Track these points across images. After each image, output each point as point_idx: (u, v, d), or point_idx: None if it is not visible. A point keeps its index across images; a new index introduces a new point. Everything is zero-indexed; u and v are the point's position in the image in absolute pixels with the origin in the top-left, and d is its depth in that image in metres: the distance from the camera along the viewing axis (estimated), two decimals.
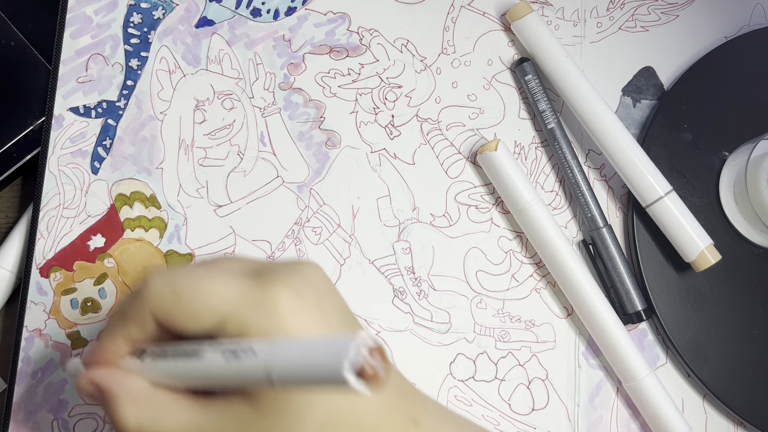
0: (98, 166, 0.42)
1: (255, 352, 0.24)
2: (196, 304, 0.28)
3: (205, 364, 0.26)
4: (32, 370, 0.40)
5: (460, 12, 0.45)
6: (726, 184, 0.45)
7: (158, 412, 0.28)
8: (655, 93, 0.47)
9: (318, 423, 0.27)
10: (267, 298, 0.27)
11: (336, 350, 0.22)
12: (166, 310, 0.28)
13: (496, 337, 0.44)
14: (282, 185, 0.43)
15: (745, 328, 0.45)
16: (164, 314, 0.28)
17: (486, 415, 0.43)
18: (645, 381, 0.42)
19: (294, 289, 0.28)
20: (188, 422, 0.28)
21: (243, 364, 0.25)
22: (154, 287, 0.28)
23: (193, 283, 0.28)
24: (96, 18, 0.42)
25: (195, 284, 0.28)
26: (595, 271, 0.44)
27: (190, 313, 0.28)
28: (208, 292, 0.28)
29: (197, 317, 0.28)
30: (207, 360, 0.26)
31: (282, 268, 0.29)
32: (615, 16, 0.47)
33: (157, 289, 0.28)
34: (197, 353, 0.27)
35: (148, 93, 0.42)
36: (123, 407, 0.28)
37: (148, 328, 0.29)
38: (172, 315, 0.28)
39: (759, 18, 0.48)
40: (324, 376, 0.22)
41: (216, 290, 0.28)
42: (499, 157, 0.42)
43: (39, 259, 0.40)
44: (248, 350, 0.25)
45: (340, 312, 0.29)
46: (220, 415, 0.28)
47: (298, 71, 0.44)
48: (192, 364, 0.27)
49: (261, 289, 0.27)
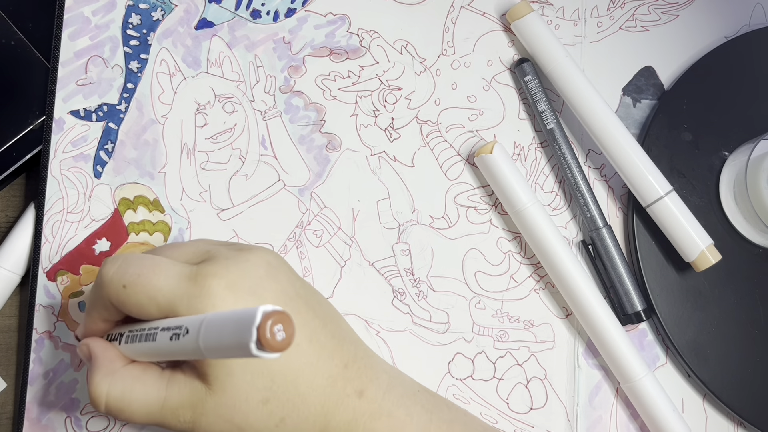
0: (101, 170, 0.42)
1: (189, 331, 0.28)
2: (141, 297, 0.31)
3: (159, 345, 0.31)
4: (44, 370, 0.41)
5: (460, 12, 0.45)
6: (726, 184, 0.45)
7: (128, 384, 0.32)
8: (656, 93, 0.47)
9: (259, 400, 0.31)
10: (201, 295, 0.30)
11: (240, 325, 0.25)
12: (119, 300, 0.32)
13: (494, 337, 0.44)
14: (283, 189, 0.43)
15: (745, 328, 0.45)
16: (118, 304, 0.32)
17: (484, 414, 0.43)
18: (643, 382, 0.42)
19: (228, 283, 0.31)
20: (153, 395, 0.32)
21: (182, 342, 0.29)
22: (108, 279, 0.32)
23: (139, 278, 0.31)
24: (94, 19, 0.42)
25: (140, 279, 0.31)
26: (595, 272, 0.45)
27: (138, 305, 0.32)
28: (152, 287, 0.31)
29: (144, 309, 0.32)
30: (159, 341, 0.31)
31: (222, 258, 0.32)
32: (615, 15, 0.47)
33: (109, 280, 0.32)
34: (153, 336, 0.31)
35: (149, 96, 0.43)
36: (98, 376, 0.32)
37: (113, 311, 0.33)
38: (124, 306, 0.32)
39: (759, 18, 0.48)
40: (235, 348, 0.26)
41: (158, 285, 0.31)
42: (495, 159, 0.43)
43: (45, 263, 0.41)
44: (184, 330, 0.29)
45: (278, 294, 0.32)
46: (180, 390, 0.32)
47: (299, 74, 0.44)
48: (150, 345, 0.31)
49: (196, 286, 0.31)
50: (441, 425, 0.34)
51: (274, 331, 0.24)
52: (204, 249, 0.34)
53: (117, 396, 0.32)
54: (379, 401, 0.33)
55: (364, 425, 0.33)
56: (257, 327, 0.24)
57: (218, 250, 0.33)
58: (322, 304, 0.35)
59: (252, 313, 0.25)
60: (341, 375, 0.32)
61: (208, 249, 0.33)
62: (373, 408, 0.33)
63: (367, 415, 0.33)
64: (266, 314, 0.25)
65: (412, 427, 0.33)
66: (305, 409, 0.32)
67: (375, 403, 0.33)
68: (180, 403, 0.32)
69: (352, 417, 0.32)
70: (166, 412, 0.32)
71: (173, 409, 0.32)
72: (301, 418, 0.32)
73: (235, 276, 0.31)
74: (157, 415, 0.32)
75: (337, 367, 0.32)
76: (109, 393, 0.32)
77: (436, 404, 0.35)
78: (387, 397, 0.33)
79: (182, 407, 0.32)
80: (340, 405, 0.32)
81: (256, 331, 0.24)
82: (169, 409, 0.32)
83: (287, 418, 0.32)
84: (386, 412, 0.33)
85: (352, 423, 0.32)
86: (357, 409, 0.33)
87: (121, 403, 0.32)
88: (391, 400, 0.34)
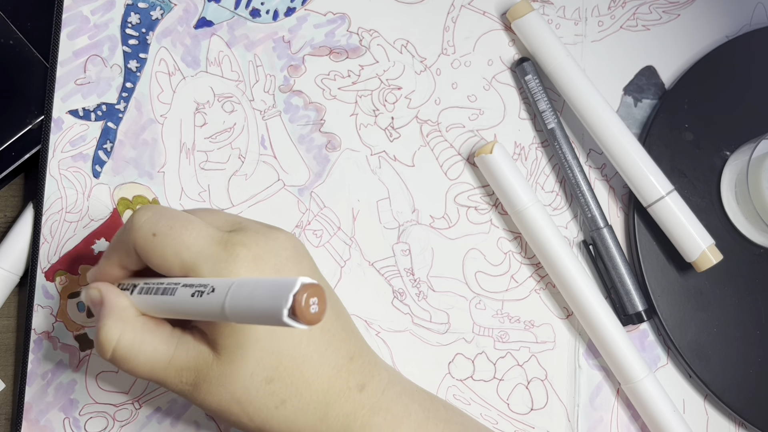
0: (99, 170, 0.42)
1: (214, 290, 0.28)
2: (169, 250, 0.31)
3: (177, 300, 0.30)
4: (42, 371, 0.40)
5: (460, 11, 0.45)
6: (727, 184, 0.45)
7: (139, 335, 0.32)
8: (657, 92, 0.47)
9: (264, 378, 0.31)
10: (228, 260, 0.31)
11: (276, 291, 0.25)
12: (144, 248, 0.32)
13: (494, 337, 0.44)
14: (283, 188, 0.43)
15: (746, 328, 0.45)
16: (142, 252, 0.32)
17: (484, 414, 0.43)
18: (644, 382, 0.42)
19: (255, 255, 0.31)
20: (162, 351, 0.32)
21: (205, 300, 0.28)
22: (139, 225, 0.32)
23: (170, 231, 0.31)
24: (93, 18, 0.42)
25: (171, 232, 0.31)
26: (596, 272, 0.44)
27: (162, 256, 0.31)
28: (181, 241, 0.31)
29: (167, 262, 0.31)
30: (178, 296, 0.30)
31: (253, 232, 0.32)
32: (616, 14, 0.47)
33: (141, 226, 0.32)
34: (172, 291, 0.31)
35: (148, 95, 0.42)
36: (111, 321, 0.32)
37: (133, 258, 0.33)
38: (148, 254, 0.32)
39: (760, 17, 0.47)
40: (265, 313, 0.25)
41: (187, 242, 0.31)
42: (495, 159, 0.42)
43: (44, 263, 0.41)
44: (210, 289, 0.28)
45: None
46: (188, 351, 0.32)
47: (298, 73, 0.44)
48: (167, 299, 0.31)
49: (225, 251, 0.31)
50: (438, 423, 0.34)
51: (310, 302, 0.25)
52: (236, 220, 0.34)
53: (127, 345, 0.32)
54: (379, 396, 0.33)
55: (362, 418, 0.33)
56: (294, 294, 0.25)
57: (249, 224, 0.33)
58: (335, 298, 0.35)
59: (291, 281, 0.25)
60: (346, 367, 0.33)
61: (239, 221, 0.34)
62: (372, 402, 0.33)
63: (366, 409, 0.33)
64: (305, 285, 0.25)
65: (409, 423, 0.34)
66: (307, 395, 0.32)
67: (374, 398, 0.33)
68: (186, 364, 0.32)
69: (352, 409, 0.33)
70: (171, 370, 0.32)
71: (178, 369, 0.32)
72: (302, 403, 0.32)
73: (263, 251, 0.31)
74: (160, 372, 0.32)
75: (343, 359, 0.33)
76: (120, 340, 0.32)
77: (433, 404, 0.36)
78: (386, 394, 0.34)
79: (187, 369, 0.32)
80: (341, 396, 0.32)
81: (292, 299, 0.24)
82: (174, 368, 0.32)
83: (288, 402, 0.32)
84: (384, 408, 0.33)
85: (350, 415, 0.33)
86: (357, 402, 0.33)
87: (130, 352, 0.32)
88: (390, 397, 0.34)
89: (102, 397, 0.41)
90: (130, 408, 0.41)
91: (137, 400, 0.41)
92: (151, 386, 0.41)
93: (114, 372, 0.41)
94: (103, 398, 0.41)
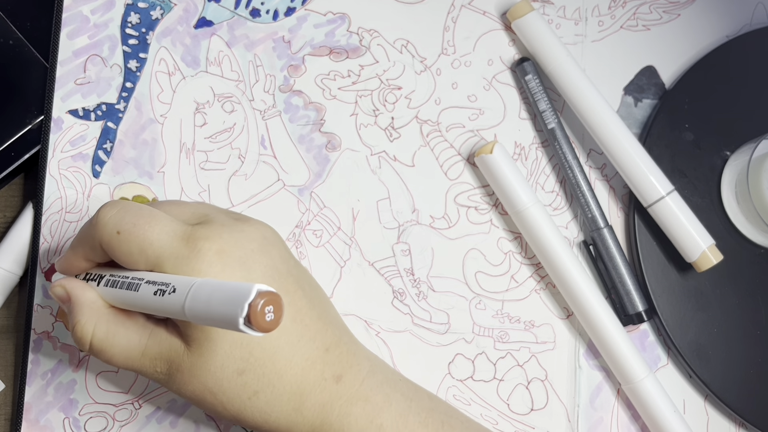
0: (99, 170, 0.42)
1: (176, 290, 0.28)
2: (134, 247, 0.31)
3: (141, 297, 0.31)
4: (42, 371, 0.40)
5: (460, 11, 0.45)
6: (728, 184, 0.45)
7: (112, 327, 0.32)
8: (657, 92, 0.47)
9: (235, 370, 0.31)
10: (190, 257, 0.31)
11: (232, 298, 0.25)
12: (110, 245, 0.32)
13: (495, 337, 0.44)
14: (283, 188, 0.43)
15: (747, 328, 0.45)
16: (108, 248, 0.32)
17: (484, 414, 0.43)
18: (644, 383, 0.42)
19: (218, 248, 0.31)
20: (135, 342, 0.32)
21: (166, 299, 0.29)
22: (104, 222, 0.32)
23: (134, 228, 0.31)
24: (93, 18, 0.42)
25: (135, 229, 0.31)
26: (596, 272, 0.44)
27: (127, 254, 0.32)
28: (145, 238, 0.31)
29: (131, 258, 0.32)
30: (142, 293, 0.30)
31: (218, 224, 0.32)
32: (617, 14, 0.47)
33: (105, 223, 0.32)
34: (136, 287, 0.31)
35: (148, 95, 0.42)
36: (83, 315, 0.33)
37: (99, 252, 0.33)
38: (113, 251, 0.32)
39: (761, 17, 0.47)
40: (221, 319, 0.26)
41: (151, 238, 0.31)
42: (495, 159, 0.42)
43: (44, 263, 0.41)
44: (171, 288, 0.29)
45: (267, 269, 0.32)
46: (161, 343, 0.32)
47: (298, 73, 0.44)
48: (132, 294, 0.31)
49: (187, 247, 0.31)
50: (420, 413, 0.34)
51: (265, 311, 0.25)
52: (203, 212, 0.34)
53: (101, 337, 0.32)
54: (357, 386, 0.33)
55: (339, 408, 0.33)
56: (249, 303, 0.25)
57: (216, 216, 0.33)
58: (313, 286, 0.35)
59: (247, 288, 0.25)
60: (321, 358, 0.33)
61: (207, 212, 0.34)
62: (350, 393, 0.33)
63: (344, 399, 0.33)
64: (261, 293, 0.25)
65: (390, 412, 0.33)
66: (280, 386, 0.32)
67: (353, 389, 0.33)
68: (159, 354, 0.32)
69: (328, 400, 0.33)
70: (145, 360, 0.32)
71: (151, 359, 0.32)
72: (275, 394, 0.32)
73: (227, 244, 0.31)
74: (136, 362, 0.33)
75: (317, 350, 0.33)
76: (95, 333, 0.32)
77: (417, 393, 0.35)
78: (366, 383, 0.34)
79: (160, 359, 0.32)
80: (316, 387, 0.32)
81: (248, 307, 0.25)
82: (148, 359, 0.32)
83: (260, 393, 0.32)
84: (363, 398, 0.33)
85: (327, 405, 0.33)
86: (333, 393, 0.33)
87: (104, 344, 0.32)
88: (370, 386, 0.34)
89: (102, 397, 0.41)
90: (130, 408, 0.41)
91: (137, 400, 0.41)
92: (152, 386, 0.41)
93: (114, 372, 0.41)
94: (103, 398, 0.41)
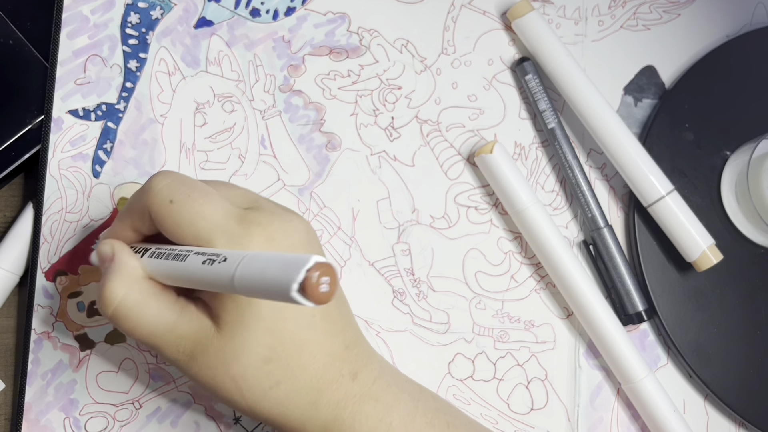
0: (99, 170, 0.42)
1: (226, 259, 0.28)
2: (185, 218, 0.31)
3: (187, 267, 0.30)
4: (42, 371, 0.40)
5: (460, 11, 0.45)
6: (728, 184, 0.45)
7: (144, 297, 0.32)
8: (657, 92, 0.47)
9: (262, 357, 0.31)
10: (243, 237, 0.31)
11: (289, 265, 0.25)
12: (160, 214, 0.32)
13: (495, 337, 0.44)
14: (283, 188, 0.43)
15: (746, 328, 0.45)
16: (157, 217, 0.32)
17: (484, 414, 0.43)
18: (644, 383, 0.42)
19: (269, 235, 0.31)
20: (165, 317, 0.32)
21: (215, 268, 0.28)
22: (157, 190, 0.32)
23: (188, 199, 0.31)
24: (93, 18, 0.42)
25: (189, 200, 0.31)
26: (596, 272, 0.44)
27: (177, 224, 0.31)
28: (198, 211, 0.31)
29: (181, 230, 0.31)
30: (189, 263, 0.30)
31: (268, 212, 0.32)
32: (617, 14, 0.47)
33: (158, 191, 0.32)
34: (184, 257, 0.30)
35: (148, 95, 0.42)
36: (119, 278, 0.32)
37: (147, 222, 0.33)
38: (163, 221, 0.32)
39: (761, 17, 0.47)
40: (274, 287, 0.25)
41: (204, 213, 0.31)
42: (495, 159, 0.42)
43: (44, 263, 0.41)
44: (222, 258, 0.28)
45: None
46: (191, 321, 0.32)
47: (298, 73, 0.44)
48: (177, 265, 0.31)
49: (241, 227, 0.31)
50: (426, 413, 0.35)
51: (321, 281, 0.24)
52: (252, 198, 0.34)
53: (130, 305, 0.32)
54: (370, 386, 0.34)
55: (352, 406, 0.33)
56: (307, 269, 0.24)
57: (265, 203, 0.33)
58: (339, 287, 0.35)
59: (305, 257, 0.24)
60: (341, 355, 0.33)
61: (256, 199, 0.34)
62: (363, 391, 0.33)
63: (357, 397, 0.33)
64: (318, 263, 0.24)
65: (399, 412, 0.34)
66: (302, 379, 0.32)
67: (365, 387, 0.34)
68: (187, 333, 0.32)
69: (343, 396, 0.33)
70: (171, 336, 0.32)
71: (178, 337, 0.32)
72: (295, 387, 0.32)
73: (277, 232, 0.31)
74: (161, 337, 0.32)
75: (339, 347, 0.33)
76: (124, 299, 0.32)
77: (423, 394, 0.36)
78: (377, 383, 0.34)
79: (187, 338, 0.32)
80: (334, 383, 0.33)
81: (305, 274, 0.24)
82: (175, 335, 0.32)
83: (282, 384, 0.32)
84: (374, 397, 0.34)
85: (341, 402, 0.33)
86: (348, 390, 0.33)
87: (131, 312, 0.32)
88: (380, 386, 0.34)
89: (102, 396, 0.41)
90: (130, 408, 0.41)
91: (137, 400, 0.41)
92: (152, 386, 0.41)
93: (114, 372, 0.41)
94: (104, 398, 0.41)
